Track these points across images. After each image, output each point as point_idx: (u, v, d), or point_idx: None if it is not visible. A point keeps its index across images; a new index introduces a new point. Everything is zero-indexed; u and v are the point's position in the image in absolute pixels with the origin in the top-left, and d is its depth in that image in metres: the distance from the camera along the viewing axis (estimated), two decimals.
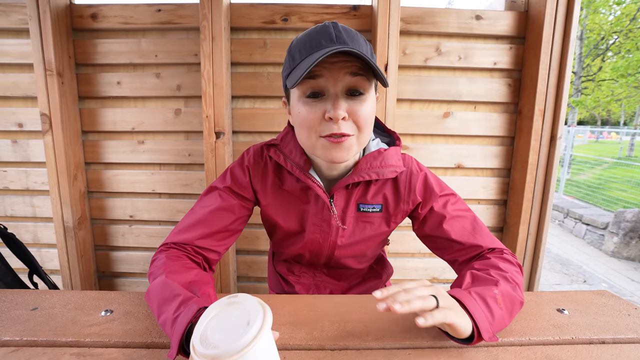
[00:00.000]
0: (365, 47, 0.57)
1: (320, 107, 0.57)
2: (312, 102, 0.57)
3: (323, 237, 0.73)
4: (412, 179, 0.70)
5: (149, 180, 1.42)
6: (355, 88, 0.57)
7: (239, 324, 0.36)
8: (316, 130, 0.58)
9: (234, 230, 0.72)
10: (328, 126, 0.56)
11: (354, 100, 0.57)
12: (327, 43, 0.54)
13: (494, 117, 1.37)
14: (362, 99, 0.57)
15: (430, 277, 1.48)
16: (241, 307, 0.38)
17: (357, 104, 0.57)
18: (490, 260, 0.61)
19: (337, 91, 0.56)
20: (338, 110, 0.55)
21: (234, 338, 0.34)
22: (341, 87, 0.56)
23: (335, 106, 0.55)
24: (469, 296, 0.50)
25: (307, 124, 0.58)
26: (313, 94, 0.57)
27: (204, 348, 0.34)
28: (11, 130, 1.38)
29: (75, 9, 1.29)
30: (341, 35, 0.55)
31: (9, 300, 0.65)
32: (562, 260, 3.45)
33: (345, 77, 0.56)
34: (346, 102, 0.56)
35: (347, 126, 0.57)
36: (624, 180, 6.40)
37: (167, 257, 0.61)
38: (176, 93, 1.34)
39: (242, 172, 0.72)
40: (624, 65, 9.60)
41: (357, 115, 0.57)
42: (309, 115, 0.57)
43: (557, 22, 1.22)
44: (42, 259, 1.48)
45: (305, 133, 0.59)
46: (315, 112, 0.57)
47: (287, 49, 0.61)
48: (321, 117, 0.57)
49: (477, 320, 0.47)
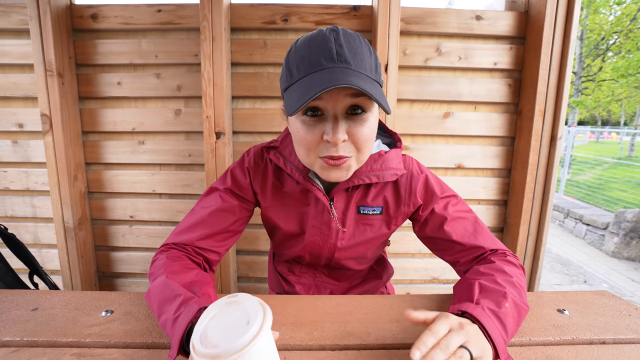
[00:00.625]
0: (369, 60, 0.54)
1: (319, 128, 0.54)
2: (310, 121, 0.55)
3: (323, 239, 0.73)
4: (413, 182, 0.69)
5: (149, 181, 1.42)
6: (357, 106, 0.54)
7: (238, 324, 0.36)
8: (314, 151, 0.56)
9: (234, 231, 0.72)
10: (326, 148, 0.55)
11: (355, 120, 0.55)
12: (327, 62, 0.51)
13: (494, 118, 1.37)
14: (363, 118, 0.55)
15: (430, 277, 1.48)
16: (241, 306, 0.38)
17: (358, 125, 0.55)
18: (495, 263, 0.60)
19: (337, 112, 0.54)
20: (337, 135, 0.52)
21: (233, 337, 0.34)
22: (341, 109, 0.54)
23: (334, 130, 0.53)
24: (484, 314, 0.48)
25: (305, 144, 0.56)
26: (312, 111, 0.55)
27: (204, 347, 0.34)
28: (11, 131, 1.39)
29: (76, 9, 1.29)
30: (342, 52, 0.52)
31: (10, 300, 0.65)
32: (563, 260, 3.45)
33: (346, 99, 0.53)
34: (346, 122, 0.54)
35: (345, 148, 0.55)
36: (625, 180, 6.40)
37: (167, 258, 0.61)
38: (176, 93, 1.34)
39: (242, 173, 0.72)
40: (624, 66, 9.60)
41: (356, 137, 0.55)
42: (307, 137, 0.55)
43: (558, 22, 1.22)
44: (43, 259, 1.48)
45: (304, 152, 0.58)
46: (313, 133, 0.55)
47: (285, 56, 0.59)
48: (319, 139, 0.55)
49: (496, 342, 0.46)
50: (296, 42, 0.57)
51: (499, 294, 0.52)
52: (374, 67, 0.55)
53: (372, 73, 0.54)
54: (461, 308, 0.50)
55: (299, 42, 0.57)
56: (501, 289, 0.53)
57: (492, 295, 0.52)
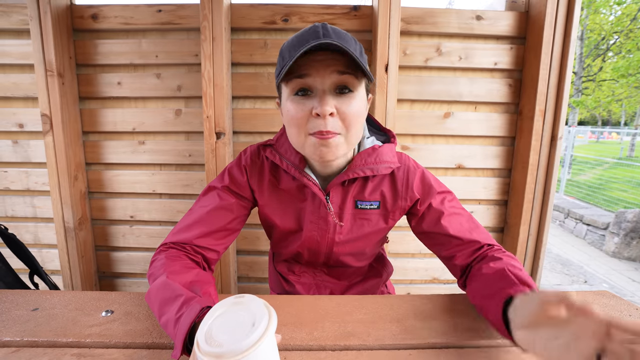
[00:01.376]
0: (354, 46, 0.57)
1: (308, 104, 0.57)
2: (300, 99, 0.58)
3: (320, 234, 0.73)
4: (410, 176, 0.71)
5: (149, 181, 1.42)
6: (344, 85, 0.57)
7: (244, 325, 0.36)
8: (304, 128, 0.58)
9: (232, 230, 0.72)
10: (316, 123, 0.57)
11: (342, 97, 0.58)
12: (313, 39, 0.55)
13: (495, 118, 1.37)
14: (351, 96, 0.58)
15: (430, 277, 1.48)
16: (247, 308, 0.38)
17: (345, 100, 0.57)
18: (503, 260, 0.60)
19: (325, 88, 0.57)
20: (325, 107, 0.55)
21: (238, 338, 0.34)
22: (329, 84, 0.57)
23: (322, 102, 0.56)
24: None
25: (295, 121, 0.59)
26: (302, 91, 0.58)
27: (209, 346, 0.34)
28: (12, 131, 1.39)
29: (76, 9, 1.29)
30: (329, 34, 0.56)
31: (10, 300, 0.65)
32: (563, 260, 3.45)
33: (333, 75, 0.56)
34: (334, 99, 0.57)
35: (334, 124, 0.57)
36: (625, 180, 6.40)
37: (166, 258, 0.61)
38: (177, 93, 1.34)
39: (239, 171, 0.73)
40: (624, 66, 9.59)
41: (344, 112, 0.57)
42: (297, 113, 0.58)
43: (558, 22, 1.22)
44: (43, 259, 1.48)
45: (295, 130, 0.60)
46: (302, 109, 0.57)
47: (279, 50, 0.62)
48: (309, 114, 0.57)
49: None
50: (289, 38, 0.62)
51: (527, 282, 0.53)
52: (358, 51, 0.58)
53: (357, 54, 0.56)
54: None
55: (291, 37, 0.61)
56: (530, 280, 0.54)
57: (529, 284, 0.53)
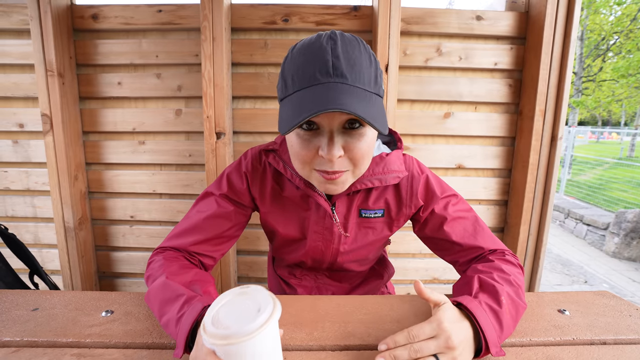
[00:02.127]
0: (368, 72, 0.51)
1: (314, 143, 0.53)
2: (305, 135, 0.53)
3: (325, 244, 0.72)
4: (414, 183, 0.69)
5: (149, 181, 1.42)
6: (354, 119, 0.52)
7: (249, 311, 0.37)
8: (310, 164, 0.55)
9: (230, 237, 0.71)
10: (322, 162, 0.54)
11: (352, 135, 0.53)
12: (322, 77, 0.49)
13: (495, 118, 1.37)
14: (361, 132, 0.53)
15: (431, 277, 1.48)
16: (252, 297, 0.40)
17: (355, 139, 0.53)
18: (494, 262, 0.60)
19: (333, 128, 0.52)
20: (332, 152, 0.51)
21: (244, 322, 0.36)
22: (337, 124, 0.52)
23: (329, 147, 0.51)
24: (480, 308, 0.49)
25: (300, 158, 0.55)
26: (308, 125, 0.53)
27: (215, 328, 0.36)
28: (12, 131, 1.39)
29: (76, 9, 1.29)
30: (339, 65, 0.49)
31: (10, 300, 0.65)
32: (563, 260, 3.45)
33: (342, 115, 0.51)
34: (342, 137, 0.52)
35: (342, 163, 0.54)
36: (625, 180, 6.40)
37: (164, 259, 0.61)
38: (177, 93, 1.34)
39: (239, 178, 0.70)
40: (624, 66, 9.59)
41: (353, 152, 0.53)
42: (302, 151, 0.54)
43: (558, 22, 1.22)
44: (43, 259, 1.48)
45: (299, 165, 0.57)
46: (309, 148, 0.53)
47: (282, 63, 0.56)
48: (315, 153, 0.53)
49: (487, 334, 0.46)
50: (293, 49, 0.55)
51: (496, 290, 0.53)
52: (373, 78, 0.52)
53: (371, 85, 0.52)
54: (458, 300, 0.51)
55: (295, 48, 0.54)
56: (498, 285, 0.54)
57: (490, 290, 0.53)
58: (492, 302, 0.51)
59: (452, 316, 0.47)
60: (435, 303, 0.50)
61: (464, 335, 0.46)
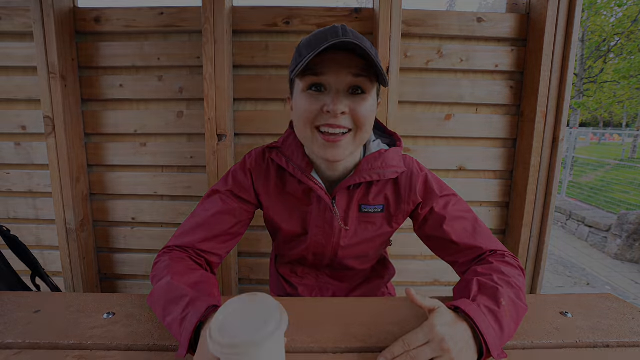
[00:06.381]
0: (370, 49, 0.57)
1: (320, 100, 0.58)
2: (313, 94, 0.58)
3: (326, 238, 0.73)
4: (413, 180, 0.70)
5: (151, 183, 1.42)
6: (358, 86, 0.58)
7: (257, 320, 0.38)
8: (313, 122, 0.59)
9: (235, 234, 0.72)
10: (326, 117, 0.57)
11: (355, 98, 0.58)
12: (333, 38, 0.55)
13: (496, 119, 1.37)
14: (363, 97, 0.58)
15: (432, 279, 1.48)
16: (260, 305, 0.40)
17: (358, 102, 0.58)
18: (493, 264, 0.60)
19: (339, 88, 0.57)
20: (337, 105, 0.56)
21: (251, 331, 0.36)
22: (343, 85, 0.57)
23: (335, 101, 0.56)
24: (478, 310, 0.49)
25: (305, 115, 0.59)
26: (315, 87, 0.58)
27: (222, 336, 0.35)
28: (15, 133, 1.39)
29: (79, 12, 1.30)
30: (348, 34, 0.56)
31: (12, 302, 0.65)
32: (565, 262, 3.43)
33: (348, 77, 0.57)
34: (347, 99, 0.58)
35: (345, 120, 0.58)
36: (627, 182, 6.37)
37: (170, 259, 0.62)
38: (178, 96, 1.35)
39: (244, 175, 0.72)
40: (626, 67, 9.59)
41: (356, 112, 0.58)
42: (309, 107, 0.58)
43: (559, 24, 1.22)
44: (45, 261, 1.49)
45: (303, 124, 0.60)
46: (314, 103, 0.58)
47: (296, 47, 0.62)
48: (320, 110, 0.58)
49: (487, 338, 0.46)
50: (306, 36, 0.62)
51: (496, 292, 0.53)
52: (374, 53, 0.58)
53: (374, 55, 0.56)
54: (455, 304, 0.51)
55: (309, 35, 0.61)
56: (498, 288, 0.54)
57: (489, 293, 0.53)
58: (491, 304, 0.51)
59: (446, 320, 0.48)
60: (429, 309, 0.50)
61: (460, 337, 0.46)
